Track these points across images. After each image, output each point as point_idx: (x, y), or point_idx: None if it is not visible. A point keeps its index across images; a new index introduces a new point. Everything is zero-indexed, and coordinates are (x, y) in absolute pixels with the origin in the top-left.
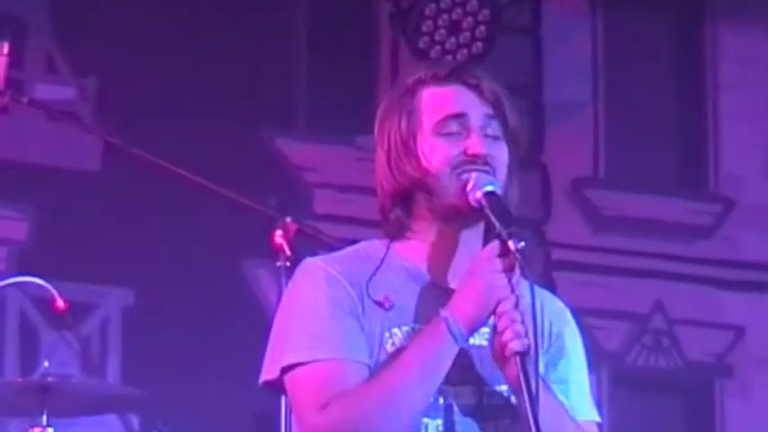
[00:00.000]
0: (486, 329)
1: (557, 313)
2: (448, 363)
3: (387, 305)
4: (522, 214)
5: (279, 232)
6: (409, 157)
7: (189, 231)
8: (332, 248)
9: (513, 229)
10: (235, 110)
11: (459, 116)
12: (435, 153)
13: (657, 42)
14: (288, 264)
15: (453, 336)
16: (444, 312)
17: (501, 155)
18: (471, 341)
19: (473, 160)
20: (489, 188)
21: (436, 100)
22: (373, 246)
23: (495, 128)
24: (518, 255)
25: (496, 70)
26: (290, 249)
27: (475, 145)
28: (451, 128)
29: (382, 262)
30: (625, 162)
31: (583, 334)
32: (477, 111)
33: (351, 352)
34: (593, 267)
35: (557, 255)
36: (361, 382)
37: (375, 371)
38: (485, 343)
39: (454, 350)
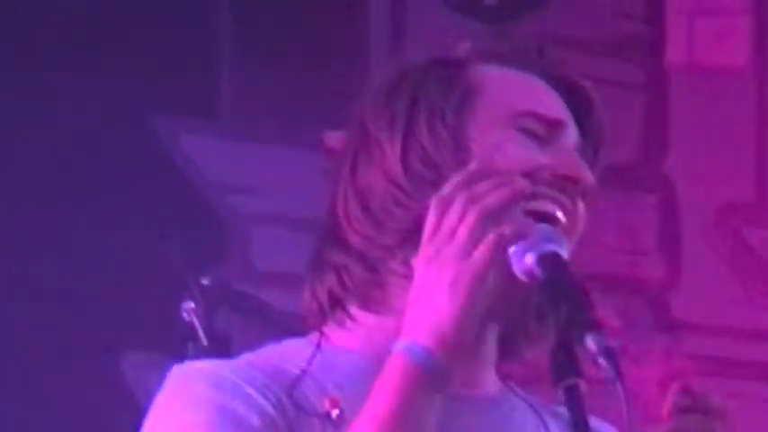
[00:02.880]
0: None
1: None
2: (426, 416)
3: (332, 414)
4: (621, 271)
5: (188, 305)
6: (457, 152)
7: (33, 304)
8: (285, 330)
9: (590, 317)
10: (112, 86)
11: (554, 124)
12: (504, 148)
13: None
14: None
15: (422, 367)
16: (399, 343)
17: (582, 208)
18: None
19: (562, 184)
20: (553, 249)
21: (516, 85)
22: (301, 342)
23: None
24: (606, 361)
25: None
26: (208, 335)
27: (573, 164)
28: (538, 129)
29: (314, 355)
30: None
31: None
32: (572, 127)
33: None
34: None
35: (693, 345)
36: None
37: None
38: None
39: (431, 393)
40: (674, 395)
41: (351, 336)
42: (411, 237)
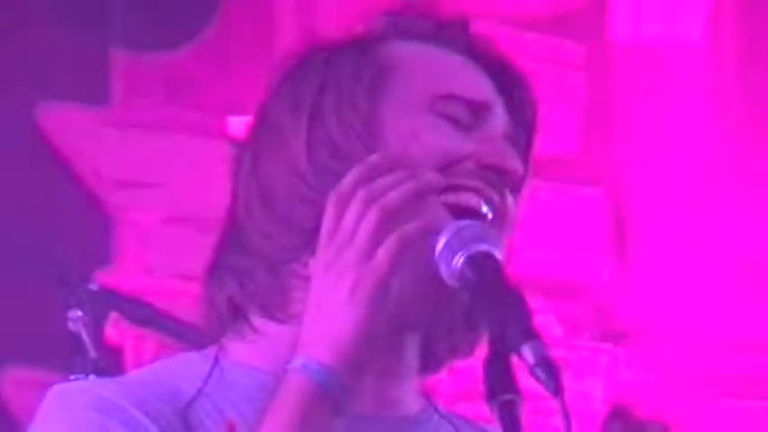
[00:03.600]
0: None
1: None
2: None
3: None
4: (562, 274)
5: (75, 314)
6: (369, 140)
7: None
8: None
9: (527, 325)
10: None
11: (479, 107)
12: (421, 136)
13: None
14: (92, 377)
15: (320, 386)
16: (296, 359)
17: (511, 202)
18: None
19: (488, 175)
20: (486, 248)
21: (437, 65)
22: (197, 357)
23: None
24: (545, 373)
25: None
26: (97, 347)
27: (500, 152)
28: (460, 114)
29: (211, 373)
30: None
31: None
32: (501, 111)
33: None
34: None
35: (642, 356)
36: None
37: None
38: None
39: (332, 414)
40: (606, 422)
41: (252, 349)
42: (316, 236)
